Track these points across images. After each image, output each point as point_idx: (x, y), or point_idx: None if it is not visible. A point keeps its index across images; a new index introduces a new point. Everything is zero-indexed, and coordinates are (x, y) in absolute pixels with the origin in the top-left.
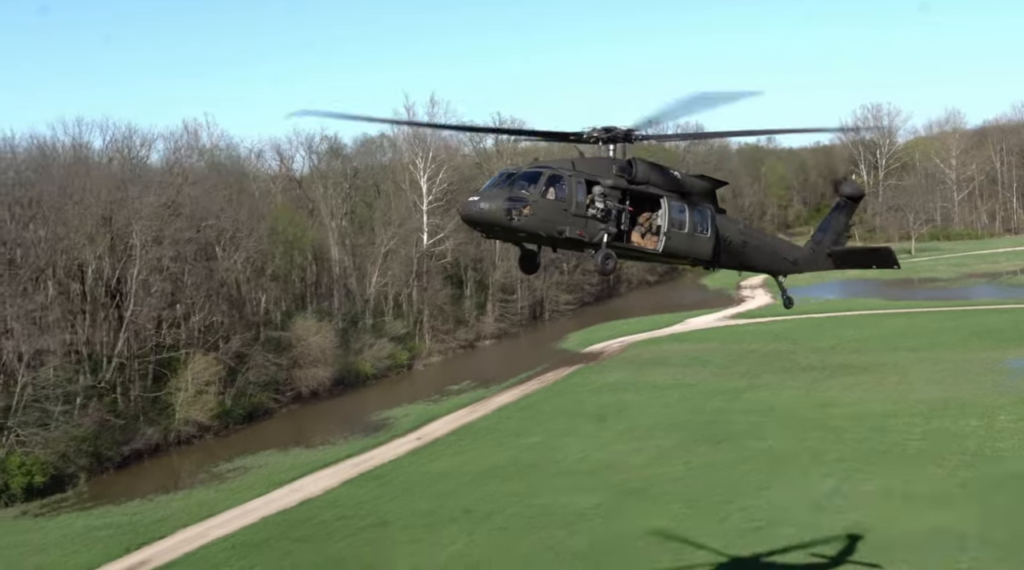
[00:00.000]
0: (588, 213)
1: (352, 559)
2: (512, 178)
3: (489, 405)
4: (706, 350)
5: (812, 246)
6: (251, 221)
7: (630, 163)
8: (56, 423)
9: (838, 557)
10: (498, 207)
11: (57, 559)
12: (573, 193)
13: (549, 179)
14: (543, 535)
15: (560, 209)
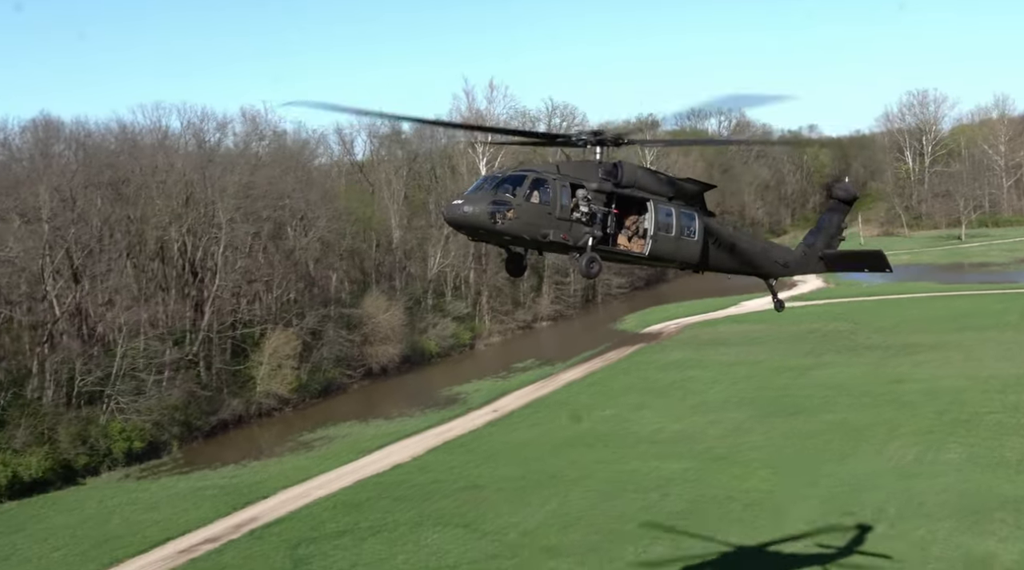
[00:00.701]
0: (572, 217)
1: (453, 516)
2: (497, 181)
3: (557, 381)
4: (765, 331)
5: (804, 249)
6: (322, 202)
7: (616, 166)
8: (149, 393)
9: (933, 517)
10: (482, 211)
11: (170, 515)
12: (557, 196)
13: (533, 182)
14: (636, 497)
15: (544, 213)
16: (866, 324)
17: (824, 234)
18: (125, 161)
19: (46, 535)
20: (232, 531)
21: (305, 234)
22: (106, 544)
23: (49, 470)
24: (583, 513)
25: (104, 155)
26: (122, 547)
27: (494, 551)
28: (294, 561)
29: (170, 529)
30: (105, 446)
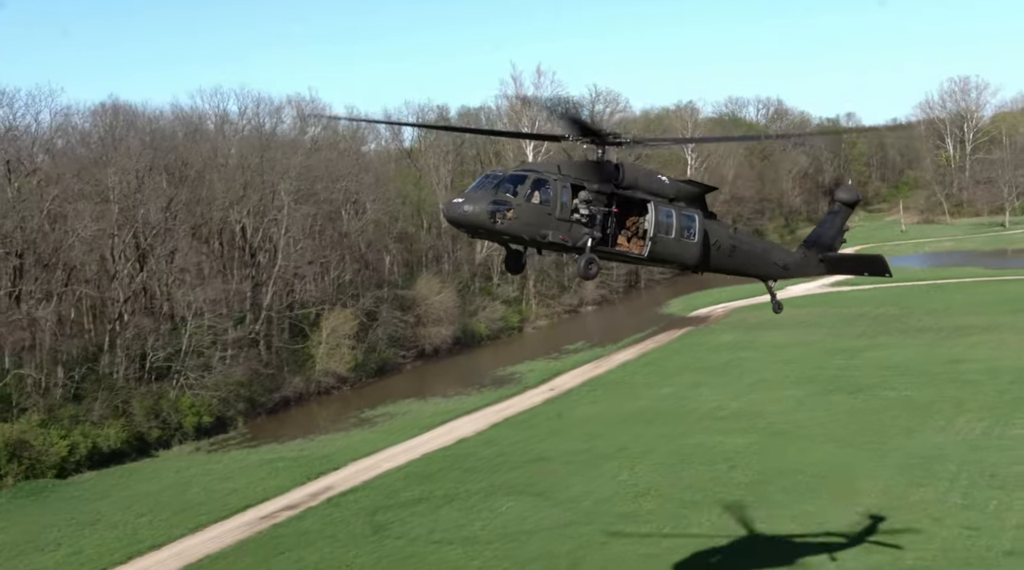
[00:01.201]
0: (572, 217)
1: (524, 486)
2: (498, 181)
3: (611, 362)
4: (814, 314)
5: (804, 251)
6: (376, 185)
7: (617, 167)
8: (215, 369)
9: (1007, 487)
10: (482, 210)
11: (246, 485)
12: (558, 197)
13: (534, 183)
14: (704, 469)
15: (544, 213)
16: (916, 308)
17: (825, 237)
18: (187, 145)
19: (129, 502)
20: (309, 499)
21: (359, 217)
22: (189, 510)
23: (125, 442)
24: (654, 484)
25: (168, 139)
26: (205, 513)
27: (570, 518)
28: (373, 527)
29: (249, 497)
30: (176, 420)
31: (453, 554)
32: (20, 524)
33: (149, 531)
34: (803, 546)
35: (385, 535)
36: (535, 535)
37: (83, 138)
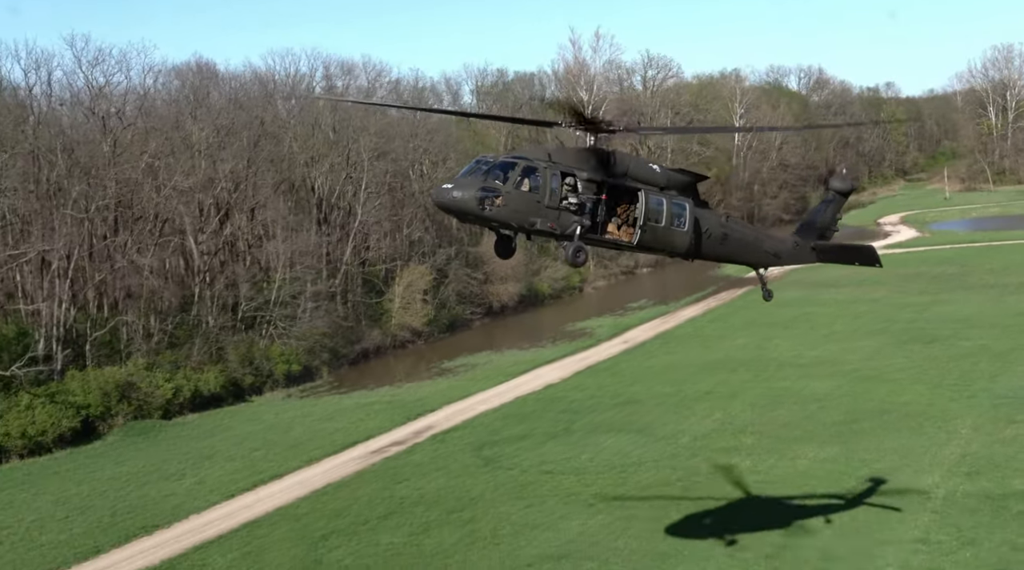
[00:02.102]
0: (562, 205)
1: (623, 424)
2: (488, 167)
3: (677, 318)
4: (873, 273)
5: (796, 239)
6: (445, 146)
7: (609, 155)
8: (301, 320)
9: None
10: (470, 197)
11: (347, 425)
12: (547, 185)
13: (524, 170)
14: (795, 409)
15: (533, 201)
16: (974, 267)
17: (818, 225)
18: (265, 104)
19: (238, 440)
20: (414, 436)
21: (431, 173)
22: (299, 446)
23: (222, 387)
24: (749, 422)
25: (250, 97)
26: (315, 448)
27: (673, 452)
28: (483, 459)
29: (353, 435)
30: (268, 368)
31: (567, 482)
32: (137, 459)
33: (266, 463)
34: (908, 473)
35: (496, 467)
36: (643, 466)
37: (170, 95)
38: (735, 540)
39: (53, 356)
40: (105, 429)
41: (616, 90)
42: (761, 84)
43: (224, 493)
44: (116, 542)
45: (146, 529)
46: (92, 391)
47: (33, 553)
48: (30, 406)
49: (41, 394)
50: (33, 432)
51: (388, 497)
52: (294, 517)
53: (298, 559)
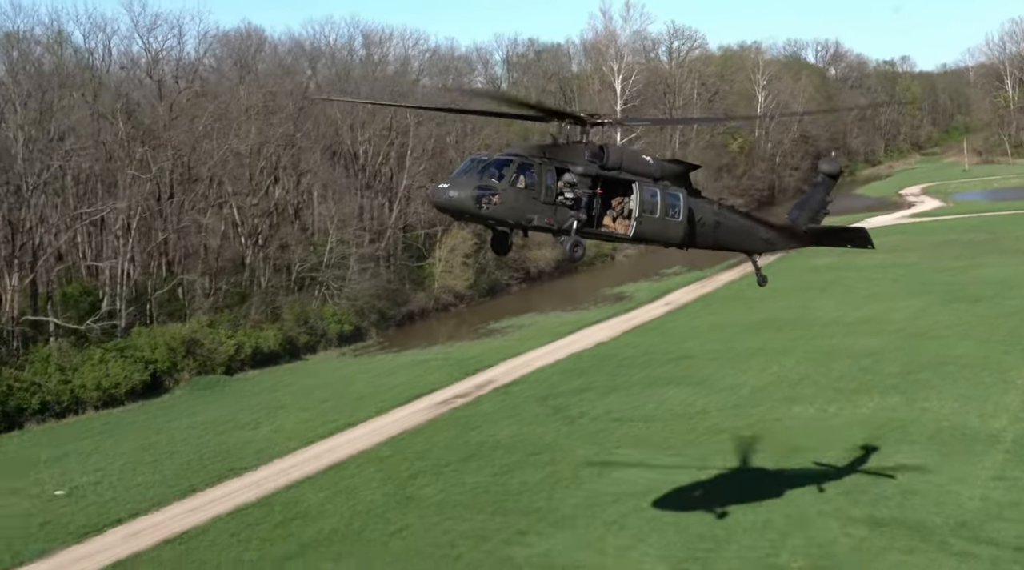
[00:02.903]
0: (558, 201)
1: (681, 378)
2: (483, 165)
3: (715, 282)
4: (904, 240)
5: (788, 224)
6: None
7: (602, 149)
8: (351, 281)
9: None
10: (467, 196)
11: (408, 380)
12: (543, 181)
13: (519, 167)
14: (849, 363)
15: (529, 197)
16: (1005, 233)
17: (809, 209)
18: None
19: (304, 393)
20: (476, 389)
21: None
22: (365, 399)
23: (279, 345)
24: (805, 375)
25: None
26: (382, 400)
27: (735, 402)
28: (551, 409)
29: (416, 388)
30: (321, 327)
31: (637, 429)
32: (209, 410)
33: (337, 414)
34: (973, 419)
35: (564, 416)
36: (708, 414)
37: (220, 61)
38: (811, 478)
39: (117, 313)
40: (171, 384)
41: (642, 61)
42: (779, 57)
43: (303, 439)
44: (208, 482)
45: (234, 471)
46: (159, 347)
47: (131, 491)
48: (103, 360)
49: (112, 348)
50: (107, 385)
51: (464, 442)
52: (377, 459)
53: (390, 495)
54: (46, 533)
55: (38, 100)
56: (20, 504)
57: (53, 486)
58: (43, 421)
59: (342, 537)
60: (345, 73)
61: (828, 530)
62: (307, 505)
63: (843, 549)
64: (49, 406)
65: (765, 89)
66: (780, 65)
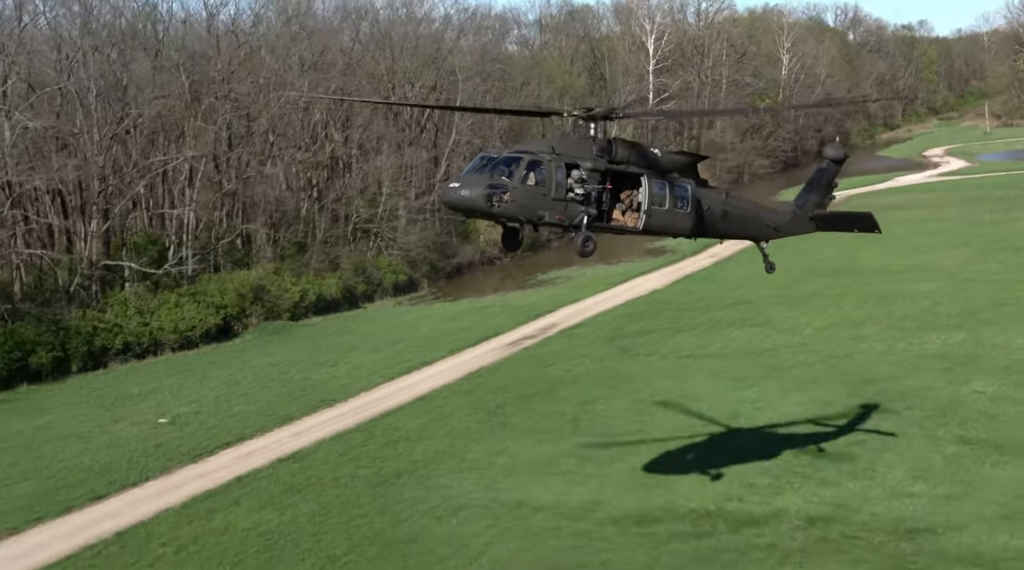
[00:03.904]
0: (568, 197)
1: (743, 320)
2: (493, 163)
3: None
4: (935, 197)
5: (794, 210)
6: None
7: (610, 143)
8: (405, 232)
9: None
10: (478, 195)
11: (471, 325)
12: (552, 178)
13: (529, 165)
14: (908, 304)
15: (540, 194)
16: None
17: (815, 194)
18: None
19: (371, 336)
20: (542, 332)
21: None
22: (435, 341)
23: (339, 293)
24: (866, 316)
25: (346, 17)
26: (452, 342)
27: (801, 341)
28: (620, 348)
29: (482, 332)
30: (377, 277)
31: (710, 364)
32: (283, 352)
33: (410, 354)
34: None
35: (635, 354)
36: (777, 352)
37: (276, 13)
38: (891, 405)
39: (184, 261)
40: (240, 328)
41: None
42: (800, 20)
43: (384, 376)
44: (304, 412)
45: (325, 402)
46: (228, 293)
47: (232, 419)
48: (177, 304)
49: (185, 293)
50: (183, 327)
51: (543, 377)
52: (461, 392)
53: (483, 422)
54: (162, 454)
55: (106, 53)
56: (129, 430)
57: (155, 416)
58: (125, 361)
59: (448, 457)
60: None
61: (919, 447)
62: (406, 430)
63: (938, 463)
64: (131, 347)
65: (789, 51)
66: (803, 28)
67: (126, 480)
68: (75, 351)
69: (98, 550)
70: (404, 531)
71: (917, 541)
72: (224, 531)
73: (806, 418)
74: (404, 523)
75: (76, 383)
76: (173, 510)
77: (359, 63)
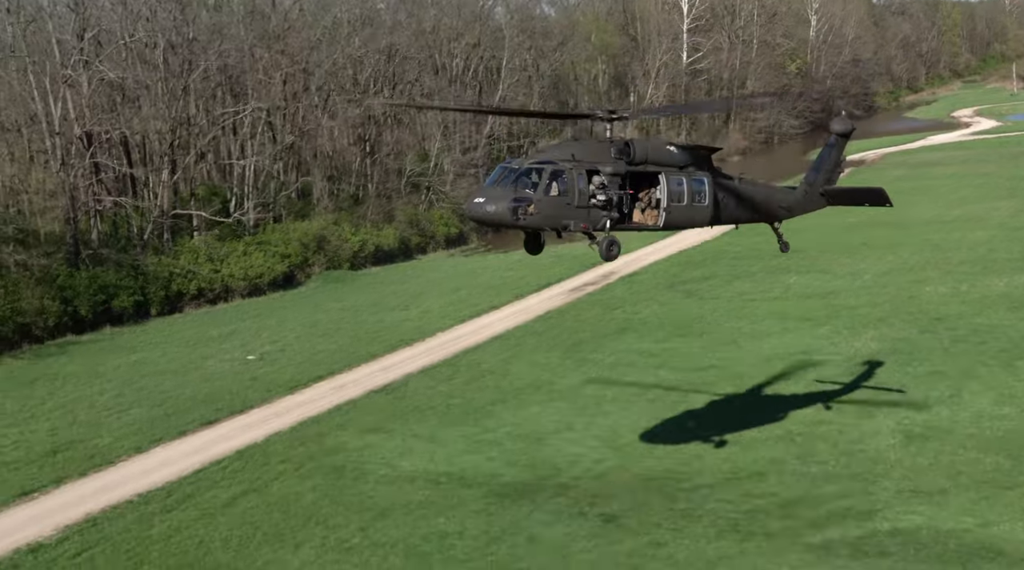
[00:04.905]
0: (591, 203)
1: (798, 267)
2: (516, 174)
3: None
4: (973, 154)
5: (805, 188)
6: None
7: (627, 144)
8: (455, 185)
9: None
10: (504, 209)
11: (532, 273)
12: (575, 186)
13: (552, 175)
14: (965, 251)
15: (563, 204)
16: None
17: (824, 170)
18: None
19: (434, 284)
20: (602, 279)
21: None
22: (498, 287)
23: (396, 245)
24: (924, 262)
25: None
26: (516, 288)
27: (862, 285)
28: (683, 293)
29: (544, 279)
30: (430, 230)
31: (775, 306)
32: (350, 298)
33: (479, 298)
34: None
35: (698, 297)
36: (840, 295)
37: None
38: (964, 338)
39: (247, 211)
40: (303, 277)
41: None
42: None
43: (455, 318)
44: (385, 350)
45: (404, 341)
46: (291, 242)
47: (317, 356)
48: (246, 252)
49: (251, 242)
50: (252, 275)
51: (612, 319)
52: (535, 332)
53: (564, 358)
54: (260, 385)
55: (174, 7)
56: (220, 366)
57: (242, 353)
58: (199, 306)
59: (536, 388)
60: None
61: (1000, 376)
62: (490, 365)
63: (1021, 390)
64: (204, 292)
65: (817, 12)
66: None
67: (231, 407)
68: (154, 295)
69: (224, 465)
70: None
71: (1016, 456)
72: (337, 451)
73: (883, 352)
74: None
75: (156, 326)
76: (283, 433)
77: (407, 21)
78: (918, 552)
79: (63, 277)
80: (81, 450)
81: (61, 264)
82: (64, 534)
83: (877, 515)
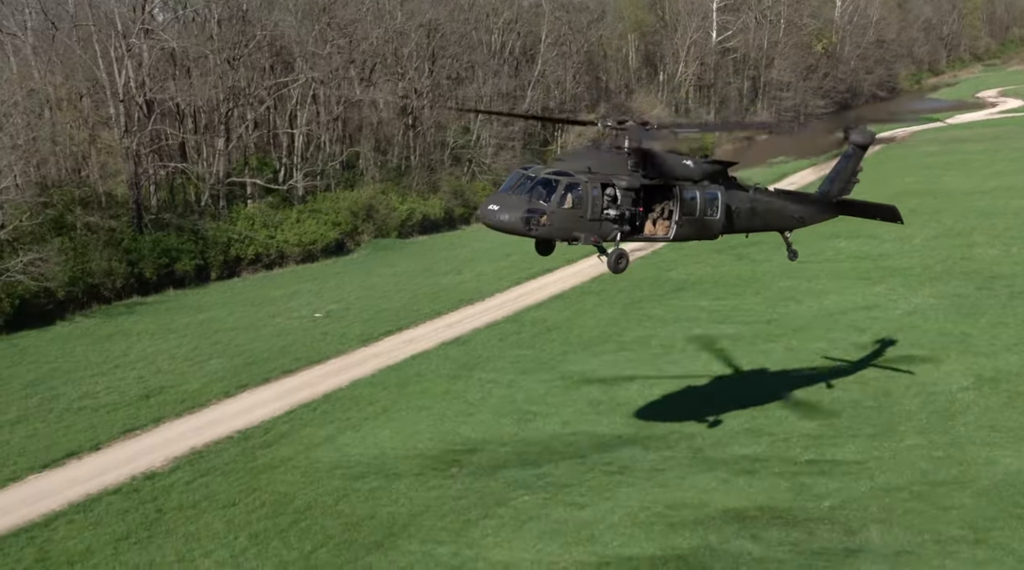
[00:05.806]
0: (603, 216)
1: (846, 233)
2: (531, 183)
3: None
4: (1002, 131)
5: (820, 197)
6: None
7: (646, 155)
8: (496, 158)
9: None
10: (517, 219)
11: None
12: (588, 199)
13: (566, 187)
14: (1010, 218)
15: (576, 216)
16: None
17: (839, 180)
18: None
19: (484, 251)
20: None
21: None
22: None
23: (441, 214)
24: (971, 227)
25: None
26: (566, 254)
27: (912, 248)
28: (733, 255)
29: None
30: (473, 201)
31: (828, 267)
32: (402, 264)
33: (529, 263)
34: None
35: (751, 260)
36: (891, 257)
37: None
38: (1022, 294)
39: (296, 180)
40: (352, 245)
41: None
42: None
43: (511, 281)
44: (448, 308)
45: (465, 301)
46: (341, 210)
47: (382, 314)
48: (299, 219)
49: (304, 210)
50: (306, 241)
51: (667, 280)
52: (593, 292)
53: (626, 313)
54: (332, 339)
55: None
56: (290, 323)
57: (308, 312)
58: (256, 271)
59: (605, 340)
60: None
61: None
62: (554, 321)
63: None
64: (260, 257)
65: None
66: None
67: (309, 358)
68: (214, 259)
69: (313, 407)
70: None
71: None
72: (421, 394)
73: (942, 307)
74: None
75: (217, 288)
76: (364, 380)
77: None
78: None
79: (128, 240)
80: (172, 394)
81: (127, 227)
82: (175, 464)
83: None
